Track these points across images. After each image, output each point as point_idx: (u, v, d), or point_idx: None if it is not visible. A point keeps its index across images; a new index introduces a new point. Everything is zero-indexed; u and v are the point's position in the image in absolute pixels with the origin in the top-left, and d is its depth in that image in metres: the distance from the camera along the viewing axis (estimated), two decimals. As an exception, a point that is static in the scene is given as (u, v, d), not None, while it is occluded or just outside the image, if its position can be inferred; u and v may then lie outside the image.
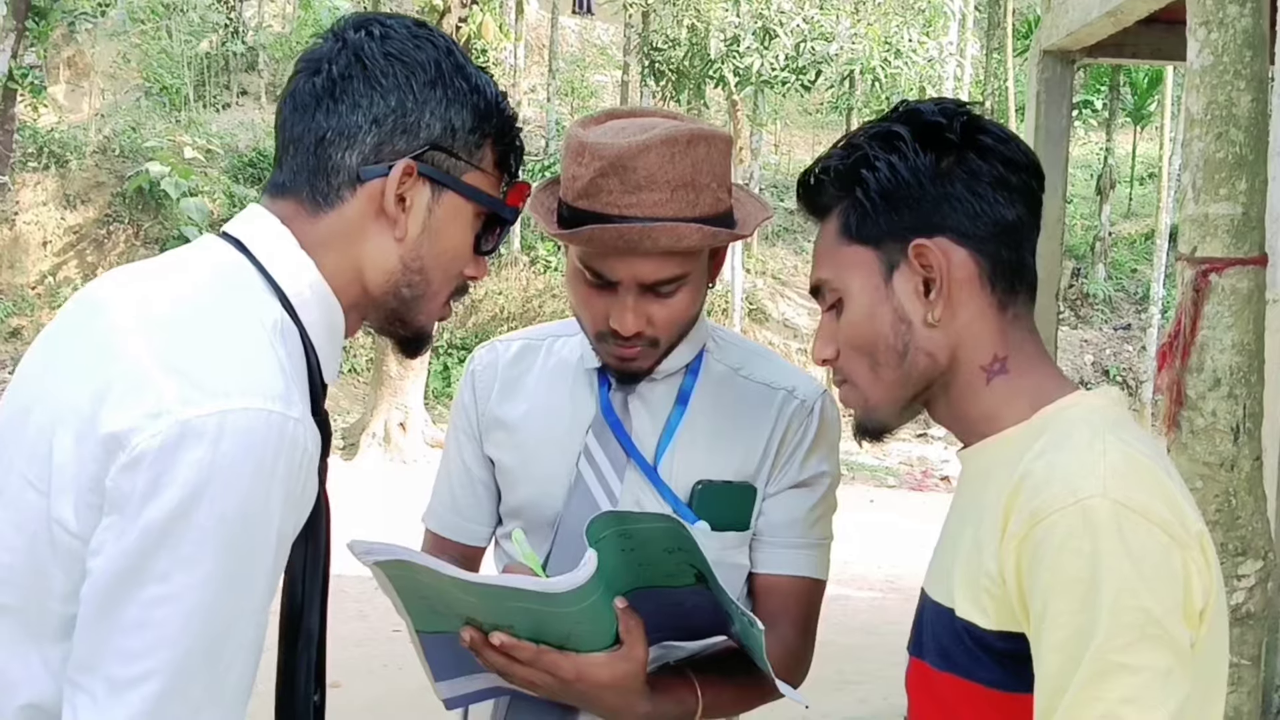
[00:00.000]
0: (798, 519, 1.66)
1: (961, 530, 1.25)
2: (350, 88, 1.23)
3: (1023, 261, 1.26)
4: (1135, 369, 18.80)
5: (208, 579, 1.04)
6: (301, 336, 1.22)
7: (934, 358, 1.25)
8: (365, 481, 12.41)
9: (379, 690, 5.71)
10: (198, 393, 1.06)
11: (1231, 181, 2.25)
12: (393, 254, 1.26)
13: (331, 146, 1.23)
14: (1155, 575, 1.06)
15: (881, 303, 1.26)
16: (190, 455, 1.04)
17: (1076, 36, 5.31)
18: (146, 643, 1.03)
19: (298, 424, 1.10)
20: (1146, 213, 21.70)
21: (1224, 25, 2.26)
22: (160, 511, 1.03)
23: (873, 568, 9.28)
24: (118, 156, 19.12)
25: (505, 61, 20.03)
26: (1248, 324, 2.25)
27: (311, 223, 1.24)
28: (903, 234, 1.24)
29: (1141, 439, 1.20)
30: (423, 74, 1.25)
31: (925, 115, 1.26)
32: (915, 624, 1.32)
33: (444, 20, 12.96)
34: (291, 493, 1.09)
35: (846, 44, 15.97)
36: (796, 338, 19.83)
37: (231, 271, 1.20)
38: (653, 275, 1.53)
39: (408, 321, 1.32)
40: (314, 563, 1.25)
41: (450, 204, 1.27)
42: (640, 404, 1.66)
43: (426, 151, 1.25)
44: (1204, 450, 2.23)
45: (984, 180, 1.23)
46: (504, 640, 1.41)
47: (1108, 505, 1.07)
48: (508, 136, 1.32)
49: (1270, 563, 2.27)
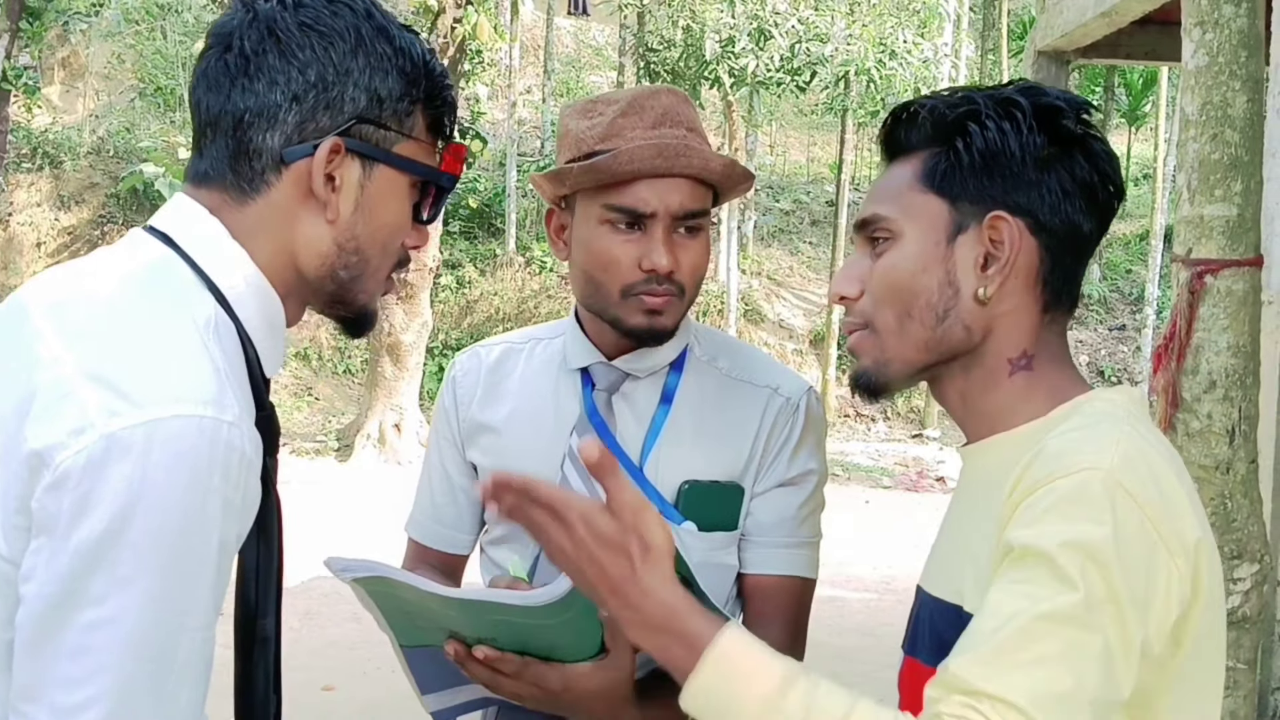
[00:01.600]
0: (786, 518, 1.65)
1: (964, 527, 1.22)
2: (265, 63, 1.16)
3: (1078, 273, 1.24)
4: (1130, 370, 18.80)
5: (147, 599, 0.99)
6: (238, 332, 1.16)
7: (970, 332, 1.21)
8: (360, 483, 12.39)
9: (373, 693, 5.69)
10: (123, 403, 1.01)
11: (1227, 183, 2.23)
12: (326, 236, 1.19)
13: (251, 128, 1.16)
14: (1131, 561, 1.03)
15: (936, 261, 1.21)
16: (118, 471, 0.99)
17: (1071, 37, 5.31)
18: (88, 668, 0.99)
19: (233, 428, 1.04)
20: (1141, 213, 21.72)
21: (1219, 25, 2.25)
22: (90, 532, 0.98)
23: (868, 569, 9.26)
24: (112, 157, 19.08)
25: (500, 62, 20.02)
26: (1243, 326, 2.24)
27: (239, 211, 1.17)
28: (987, 201, 1.20)
29: (1160, 440, 1.18)
30: (342, 43, 1.17)
31: (1050, 95, 1.21)
32: (911, 622, 1.29)
33: (439, 21, 12.94)
34: (230, 501, 1.04)
35: (841, 45, 15.96)
36: (792, 338, 19.82)
37: (160, 268, 1.14)
38: (684, 205, 1.57)
39: (349, 302, 1.25)
40: (267, 564, 1.21)
41: (383, 178, 1.20)
42: (624, 404, 1.65)
43: (353, 126, 1.17)
44: (1199, 453, 2.22)
45: (1079, 183, 1.20)
46: (488, 653, 1.40)
47: (1110, 481, 1.05)
48: (439, 98, 1.24)
49: (1266, 566, 2.26)
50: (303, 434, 15.47)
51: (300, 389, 17.47)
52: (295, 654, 6.26)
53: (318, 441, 14.93)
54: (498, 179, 21.13)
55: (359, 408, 14.84)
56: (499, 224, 20.49)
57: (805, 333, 19.90)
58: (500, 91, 22.25)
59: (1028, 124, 1.19)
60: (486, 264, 19.76)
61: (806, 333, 19.89)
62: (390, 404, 13.81)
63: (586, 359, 1.67)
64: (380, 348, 13.71)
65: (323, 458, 14.15)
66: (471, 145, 15.60)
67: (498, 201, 20.66)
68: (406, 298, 13.45)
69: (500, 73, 20.57)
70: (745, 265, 20.11)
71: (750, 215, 21.00)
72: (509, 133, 20.78)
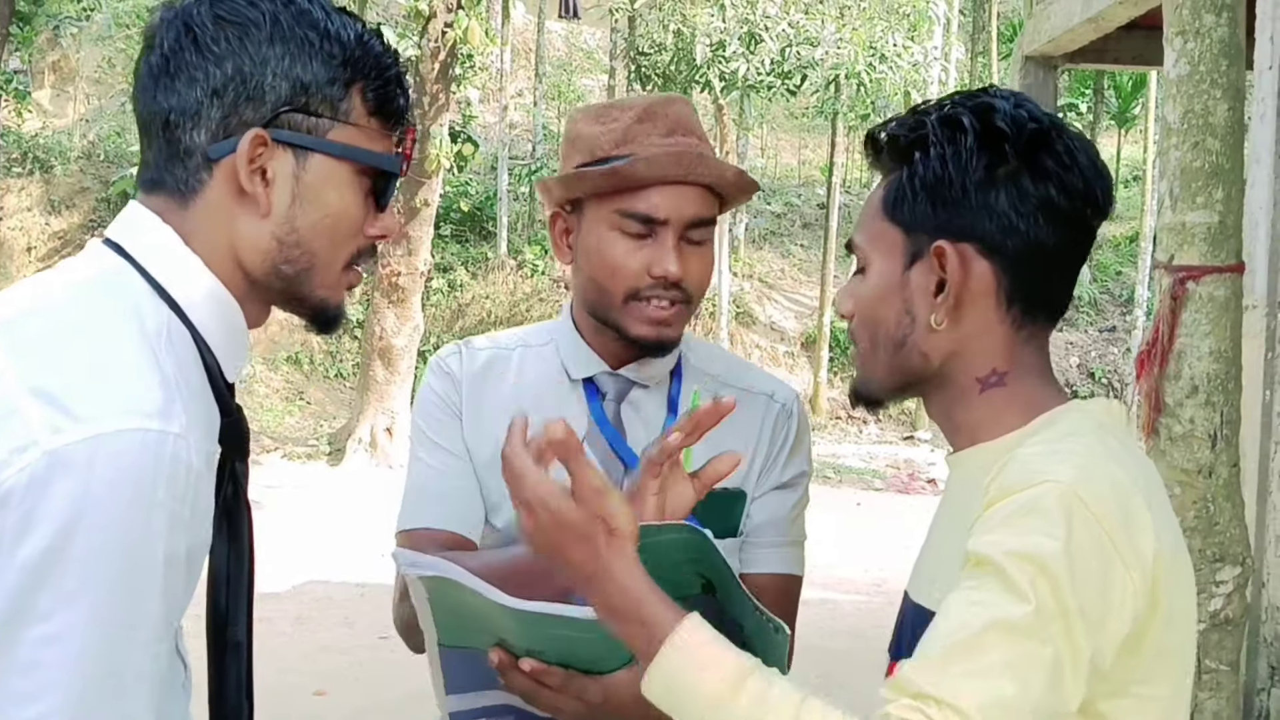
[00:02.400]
0: (780, 518, 1.68)
1: (948, 535, 1.24)
2: (183, 61, 1.13)
3: (1050, 287, 1.23)
4: (1120, 371, 18.87)
5: (93, 615, 0.99)
6: (194, 338, 1.14)
7: (927, 359, 1.23)
8: (351, 487, 12.39)
9: (365, 698, 5.69)
10: (66, 419, 1.00)
11: (1208, 190, 2.26)
12: (264, 232, 1.16)
13: (178, 129, 1.14)
14: (1084, 574, 1.04)
15: (894, 290, 1.23)
16: (61, 488, 0.98)
17: (1058, 42, 5.34)
18: (38, 684, 0.98)
19: (179, 440, 1.03)
20: (1131, 215, 21.79)
21: (1200, 35, 2.27)
22: (34, 549, 0.98)
23: (859, 571, 9.28)
24: (102, 162, 19.05)
25: (492, 66, 20.01)
26: (1225, 331, 2.26)
27: (182, 214, 1.15)
28: (932, 230, 1.20)
29: (1130, 453, 1.18)
30: (257, 31, 1.14)
31: (997, 117, 1.19)
32: (896, 627, 1.32)
33: (430, 25, 12.95)
34: (177, 514, 1.03)
35: (832, 49, 15.99)
36: (783, 340, 19.86)
37: (111, 280, 1.13)
38: (696, 213, 1.58)
39: (303, 298, 1.21)
40: (237, 569, 1.20)
41: (319, 167, 1.16)
42: (633, 413, 1.65)
43: (281, 115, 1.14)
44: (1182, 457, 2.24)
45: (1030, 200, 1.18)
46: (535, 666, 1.39)
47: (1066, 493, 1.05)
48: (379, 79, 1.19)
49: (1248, 568, 2.28)
50: (294, 438, 15.45)
51: (292, 393, 17.45)
52: (287, 659, 6.27)
53: (309, 445, 14.92)
54: (489, 182, 21.14)
55: (350, 412, 14.83)
56: (490, 227, 20.50)
57: (797, 335, 19.95)
58: (491, 95, 22.25)
59: (968, 148, 1.19)
60: (478, 267, 19.77)
61: (798, 335, 19.93)
62: (382, 408, 13.80)
63: (591, 369, 1.66)
64: (372, 351, 13.71)
65: (314, 462, 14.14)
66: (463, 149, 15.63)
67: (489, 205, 20.67)
68: (398, 301, 13.45)
69: (491, 76, 20.56)
70: (737, 268, 20.15)
71: (742, 218, 21.03)
72: (500, 136, 20.79)
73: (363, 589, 7.61)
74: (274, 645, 6.09)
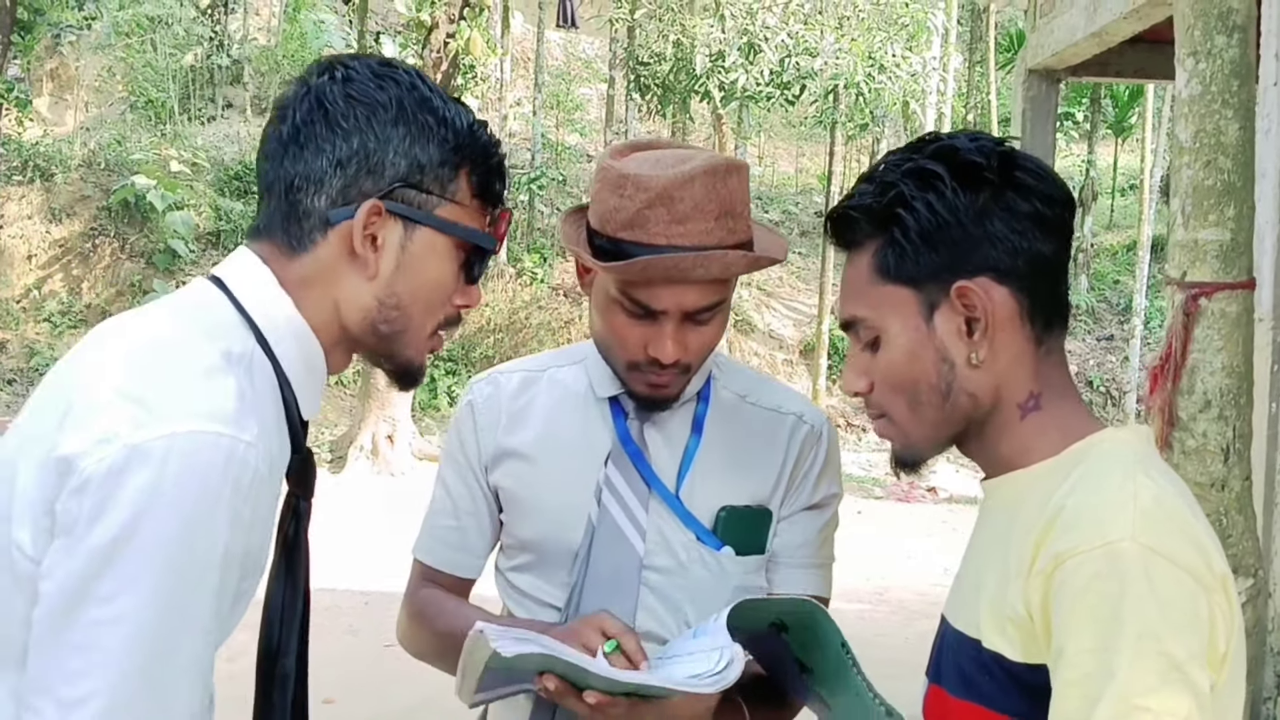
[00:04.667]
0: (811, 539, 1.72)
1: (987, 560, 1.26)
2: (313, 133, 1.25)
3: (1058, 295, 1.26)
4: (1119, 380, 18.91)
5: (150, 600, 1.06)
6: (276, 371, 1.23)
7: (976, 398, 1.24)
8: (353, 494, 12.39)
9: (372, 707, 5.72)
10: (149, 417, 1.08)
11: (1220, 208, 2.30)
12: (367, 292, 1.27)
13: (300, 192, 1.25)
14: (1181, 620, 1.07)
15: (924, 344, 1.24)
16: (136, 479, 1.06)
17: (1061, 56, 5.39)
18: (90, 663, 1.05)
19: (249, 447, 1.11)
20: (1128, 224, 21.84)
21: (1212, 55, 2.31)
22: (105, 534, 1.05)
23: (861, 580, 9.30)
24: (103, 170, 19.06)
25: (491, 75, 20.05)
26: (1237, 347, 2.30)
27: (288, 263, 1.26)
28: (943, 275, 1.22)
29: (1170, 478, 1.20)
30: (384, 113, 1.25)
31: (962, 153, 1.23)
32: (935, 650, 1.34)
33: (431, 35, 12.99)
34: (239, 514, 1.10)
35: (831, 59, 16.04)
36: (782, 348, 19.88)
37: (207, 307, 1.23)
38: (698, 303, 1.56)
39: (392, 356, 1.32)
40: (291, 604, 1.27)
41: (424, 239, 1.28)
42: (657, 433, 1.68)
43: (396, 189, 1.25)
44: (1195, 471, 2.28)
45: (1023, 217, 1.22)
46: (600, 699, 1.42)
47: (1136, 549, 1.08)
48: (484, 165, 1.31)
49: (1260, 580, 2.32)
50: (295, 446, 15.44)
51: (292, 401, 17.42)
52: (295, 667, 6.29)
53: (310, 454, 14.90)
54: (488, 191, 21.10)
55: (352, 419, 14.83)
56: (490, 236, 20.47)
57: (795, 343, 19.97)
58: (491, 104, 22.29)
59: (951, 189, 1.21)
60: (477, 276, 19.75)
61: (796, 343, 19.95)
62: (383, 415, 13.82)
63: (615, 387, 1.69)
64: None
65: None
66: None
67: (488, 213, 20.64)
68: (399, 310, 13.46)
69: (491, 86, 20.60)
70: (735, 277, 20.14)
71: (740, 227, 21.02)
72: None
73: (367, 597, 7.62)
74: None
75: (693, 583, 1.64)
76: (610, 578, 1.60)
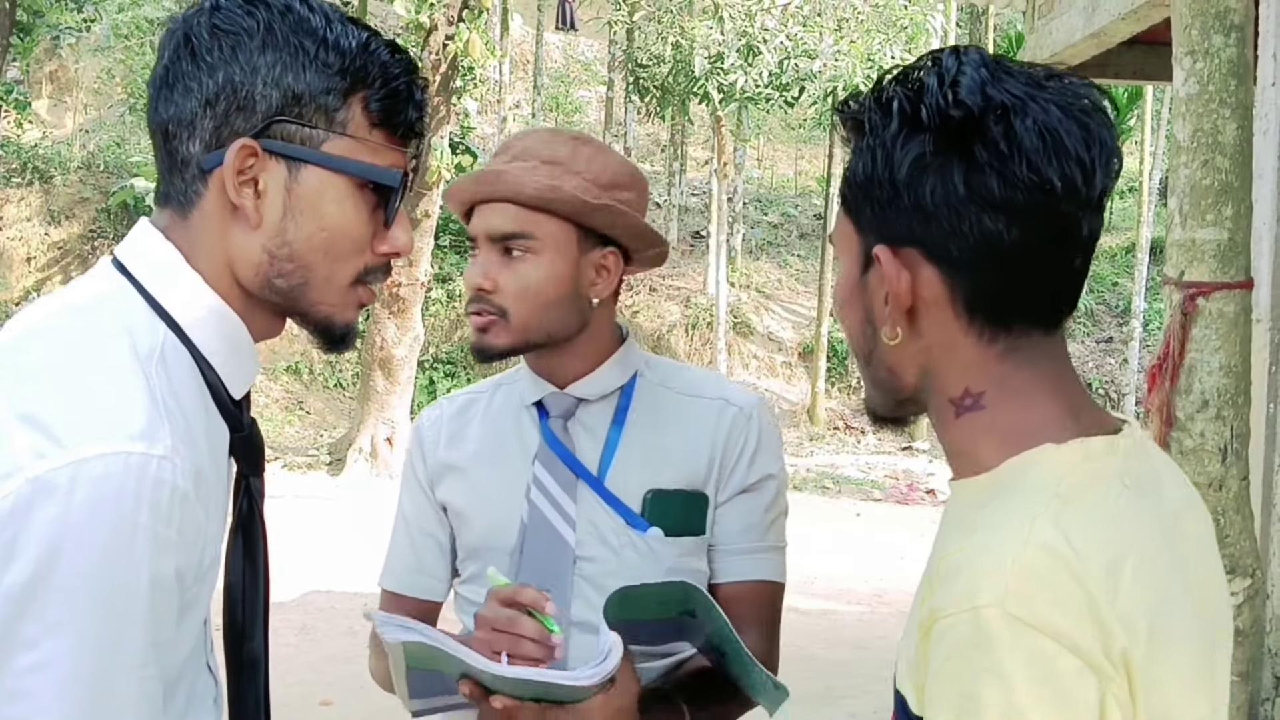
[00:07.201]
0: (753, 524, 1.71)
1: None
2: (180, 71, 1.12)
3: (1023, 290, 1.02)
4: (1118, 382, 18.91)
5: (78, 640, 0.98)
6: (195, 357, 1.13)
7: (894, 374, 1.08)
8: (352, 496, 12.40)
9: (371, 707, 5.70)
10: (51, 444, 0.99)
11: (1218, 207, 2.29)
12: (254, 244, 1.13)
13: (175, 139, 1.12)
14: (1051, 702, 0.90)
15: (855, 296, 1.08)
16: (42, 514, 0.97)
17: (1060, 57, 5.38)
18: (25, 712, 0.98)
19: (163, 461, 1.01)
20: (1127, 226, 21.85)
21: (1209, 55, 2.31)
22: (19, 576, 0.97)
23: (860, 582, 9.31)
24: (102, 172, 19.07)
25: (490, 78, 20.06)
26: (1235, 347, 2.29)
27: (184, 227, 1.14)
28: (874, 231, 1.05)
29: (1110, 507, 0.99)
30: (249, 40, 1.11)
31: (929, 95, 1.01)
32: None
33: (430, 38, 12.99)
34: (162, 536, 1.01)
35: (830, 61, 16.06)
36: (781, 350, 19.88)
37: (109, 301, 1.11)
38: (498, 227, 1.63)
39: (305, 314, 1.18)
40: (253, 585, 1.20)
41: (313, 179, 1.13)
42: (580, 427, 1.71)
43: (273, 125, 1.11)
44: (1193, 471, 2.27)
45: (967, 199, 0.99)
46: (507, 703, 1.43)
47: (1003, 619, 0.91)
48: (383, 90, 1.14)
49: (1258, 580, 2.32)
50: (294, 448, 15.45)
51: (291, 403, 17.46)
52: (292, 669, 6.29)
53: (309, 455, 14.92)
54: (487, 193, 21.12)
55: (351, 421, 14.84)
56: (489, 238, 20.50)
57: (794, 345, 19.98)
58: (490, 107, 22.30)
59: (892, 138, 1.02)
60: (476, 278, 19.76)
61: (795, 345, 19.96)
62: (382, 417, 13.83)
63: (539, 392, 1.73)
64: (372, 361, 13.73)
65: (314, 471, 14.15)
66: (462, 160, 15.66)
67: (487, 215, 20.65)
68: (398, 312, 13.48)
69: (490, 88, 20.60)
70: (734, 278, 20.18)
71: (739, 228, 21.07)
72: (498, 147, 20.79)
73: (365, 599, 7.62)
74: (280, 656, 6.08)
75: (625, 567, 1.64)
76: (544, 571, 1.62)
